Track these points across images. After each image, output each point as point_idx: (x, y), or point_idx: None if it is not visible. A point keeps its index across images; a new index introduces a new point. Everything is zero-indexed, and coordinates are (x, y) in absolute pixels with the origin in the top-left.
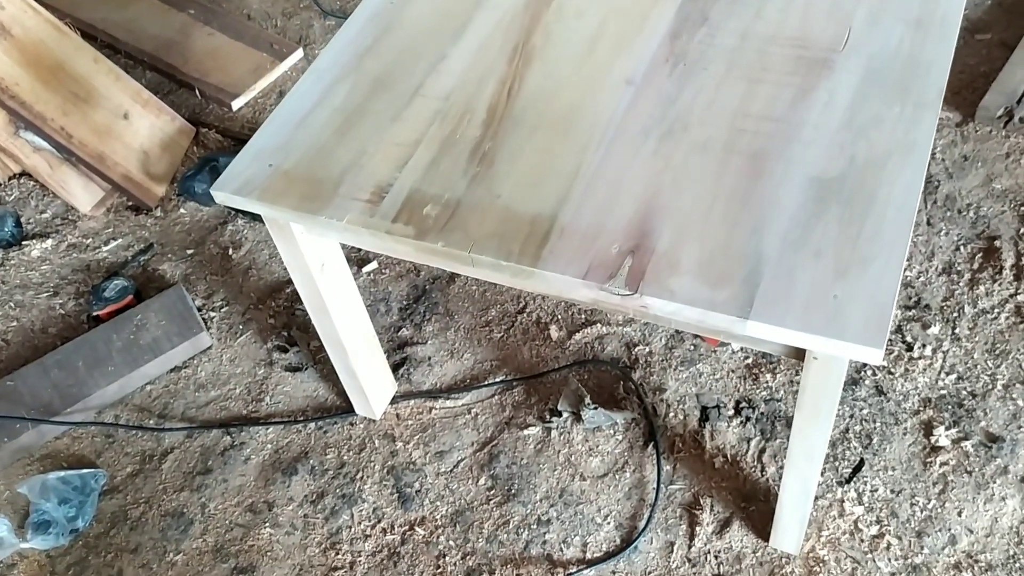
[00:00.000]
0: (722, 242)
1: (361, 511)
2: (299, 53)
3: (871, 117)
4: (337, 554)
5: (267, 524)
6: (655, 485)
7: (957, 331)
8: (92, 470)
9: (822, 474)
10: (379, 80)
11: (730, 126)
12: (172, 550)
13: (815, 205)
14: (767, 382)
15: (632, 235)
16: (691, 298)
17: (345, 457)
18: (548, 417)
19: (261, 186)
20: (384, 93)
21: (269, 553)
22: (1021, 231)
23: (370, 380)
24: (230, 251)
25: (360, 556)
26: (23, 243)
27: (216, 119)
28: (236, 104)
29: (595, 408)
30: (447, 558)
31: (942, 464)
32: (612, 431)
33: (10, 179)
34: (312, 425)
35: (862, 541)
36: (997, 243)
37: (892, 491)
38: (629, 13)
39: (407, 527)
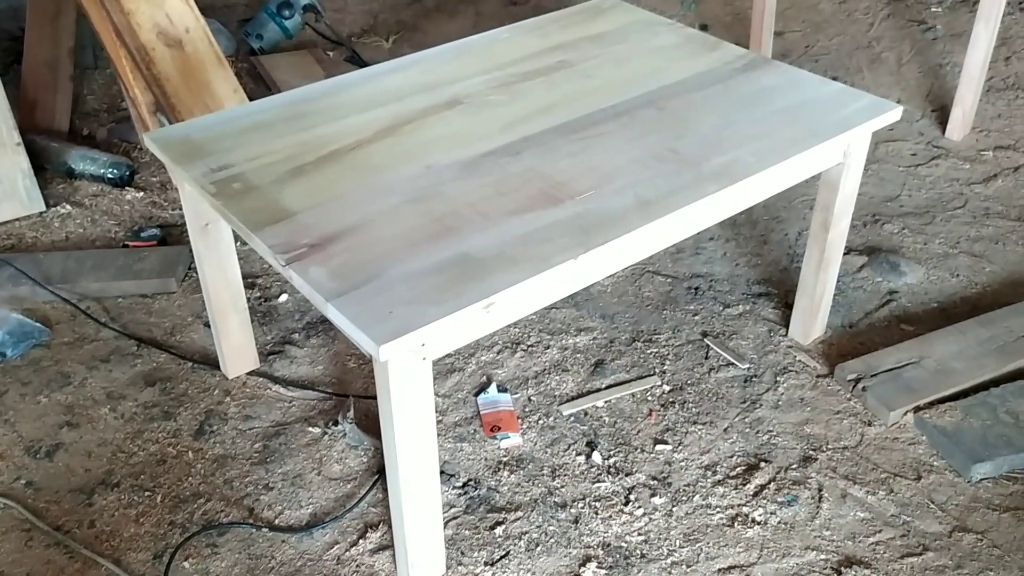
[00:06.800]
0: None
1: (168, 426)
2: None
3: None
4: (132, 443)
5: (108, 408)
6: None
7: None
8: (43, 327)
9: None
10: None
11: None
12: (44, 394)
13: None
14: (506, 472)
15: None
16: None
17: (189, 391)
18: (329, 425)
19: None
20: None
21: (90, 423)
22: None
23: (230, 345)
24: None
25: (142, 453)
26: (125, 188)
27: None
28: None
29: (352, 423)
30: (191, 481)
31: None
32: (364, 453)
33: None
34: (190, 363)
35: None
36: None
37: None
38: None
39: (187, 450)
